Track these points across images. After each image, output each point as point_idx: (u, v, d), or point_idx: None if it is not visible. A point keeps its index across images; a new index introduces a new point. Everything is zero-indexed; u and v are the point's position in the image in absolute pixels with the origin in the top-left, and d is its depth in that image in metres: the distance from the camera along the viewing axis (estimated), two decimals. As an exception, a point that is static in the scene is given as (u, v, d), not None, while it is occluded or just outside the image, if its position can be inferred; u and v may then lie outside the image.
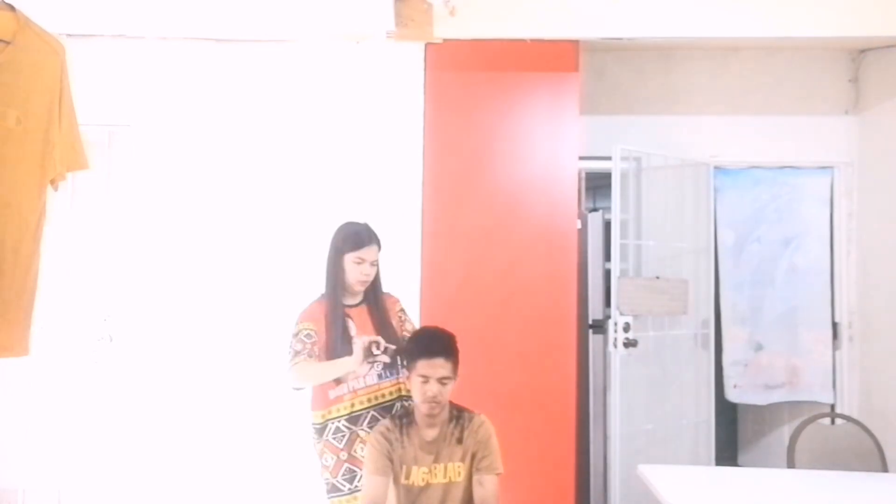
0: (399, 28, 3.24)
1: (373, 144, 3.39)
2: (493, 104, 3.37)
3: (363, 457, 2.24)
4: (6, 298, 1.68)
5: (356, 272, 2.37)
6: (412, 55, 3.37)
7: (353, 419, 2.35)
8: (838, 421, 3.03)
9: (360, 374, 2.32)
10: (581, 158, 3.41)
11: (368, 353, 2.19)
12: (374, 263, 2.41)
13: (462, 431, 2.18)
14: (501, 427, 2.34)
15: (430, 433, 2.17)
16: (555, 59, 3.37)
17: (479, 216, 3.35)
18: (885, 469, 2.80)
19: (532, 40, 3.35)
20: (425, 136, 3.36)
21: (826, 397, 3.84)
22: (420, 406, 2.15)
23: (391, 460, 2.15)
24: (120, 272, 3.38)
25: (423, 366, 2.12)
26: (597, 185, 4.31)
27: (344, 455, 2.34)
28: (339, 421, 2.35)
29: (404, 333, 2.45)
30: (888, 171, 3.61)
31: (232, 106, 3.41)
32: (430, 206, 3.35)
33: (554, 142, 3.36)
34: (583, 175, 3.85)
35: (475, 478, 2.15)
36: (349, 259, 2.37)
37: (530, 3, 3.31)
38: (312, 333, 2.33)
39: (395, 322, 2.46)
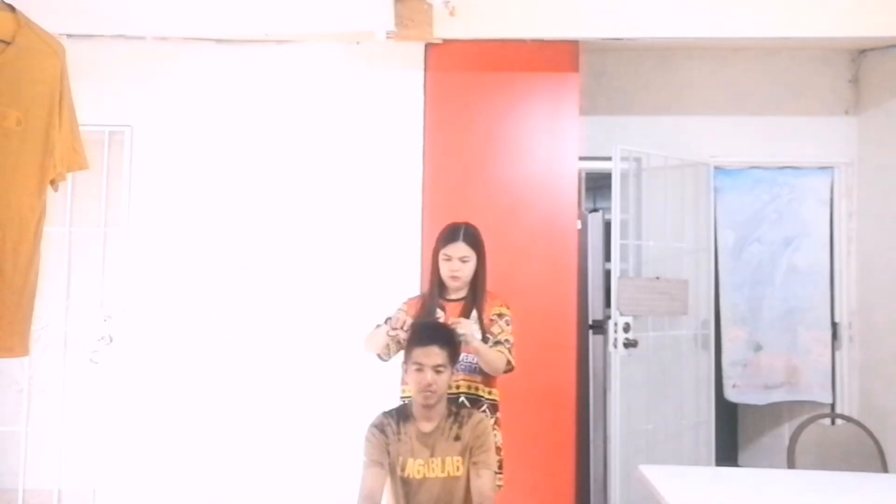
0: (399, 28, 3.24)
1: (373, 144, 3.39)
2: (493, 104, 3.37)
3: None
4: (6, 298, 1.68)
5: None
6: (412, 55, 3.37)
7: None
8: (838, 421, 3.03)
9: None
10: (581, 159, 3.41)
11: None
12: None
13: (461, 427, 2.19)
14: (501, 427, 2.33)
15: (427, 426, 2.18)
16: (555, 59, 3.37)
17: (479, 216, 3.31)
18: (885, 469, 2.80)
19: (532, 40, 3.35)
20: (425, 136, 3.37)
21: (825, 397, 3.83)
22: (415, 395, 2.16)
23: (388, 453, 2.15)
24: (120, 272, 3.38)
25: (417, 353, 2.13)
26: (597, 186, 4.30)
27: None
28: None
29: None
30: (888, 171, 3.61)
31: (232, 106, 3.41)
32: (430, 206, 3.35)
33: (554, 142, 3.36)
34: (583, 175, 3.85)
35: (472, 470, 2.16)
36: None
37: (530, 3, 3.31)
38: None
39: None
